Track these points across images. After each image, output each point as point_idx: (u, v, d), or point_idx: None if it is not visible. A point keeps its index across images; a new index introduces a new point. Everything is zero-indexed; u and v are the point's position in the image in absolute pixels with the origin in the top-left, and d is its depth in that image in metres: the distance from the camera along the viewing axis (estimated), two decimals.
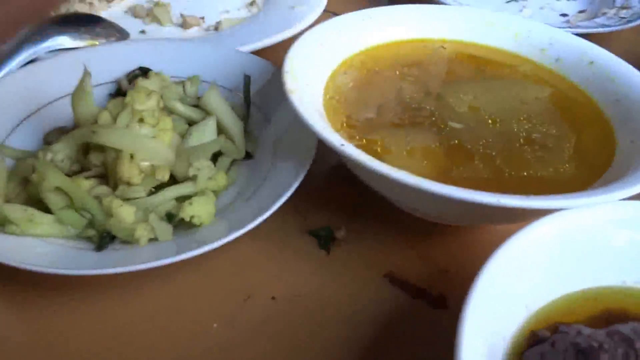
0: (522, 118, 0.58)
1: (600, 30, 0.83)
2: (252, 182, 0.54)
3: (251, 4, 0.87)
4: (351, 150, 0.45)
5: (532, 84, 0.64)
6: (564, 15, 0.96)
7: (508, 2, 0.98)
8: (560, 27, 0.83)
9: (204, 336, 0.45)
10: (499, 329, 0.39)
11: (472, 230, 0.56)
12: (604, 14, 0.91)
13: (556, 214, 0.43)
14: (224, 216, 0.50)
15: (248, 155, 0.57)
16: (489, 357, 0.37)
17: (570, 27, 0.84)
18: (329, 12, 0.85)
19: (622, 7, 0.92)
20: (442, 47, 0.68)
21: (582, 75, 0.63)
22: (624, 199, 0.44)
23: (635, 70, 0.60)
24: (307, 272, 0.51)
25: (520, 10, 0.96)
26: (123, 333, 0.45)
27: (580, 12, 0.97)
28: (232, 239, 0.45)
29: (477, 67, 0.66)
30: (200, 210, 0.48)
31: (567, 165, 0.53)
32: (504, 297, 0.40)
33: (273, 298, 0.48)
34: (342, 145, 0.45)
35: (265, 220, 0.47)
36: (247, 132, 0.58)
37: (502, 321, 0.40)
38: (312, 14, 0.80)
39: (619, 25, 0.84)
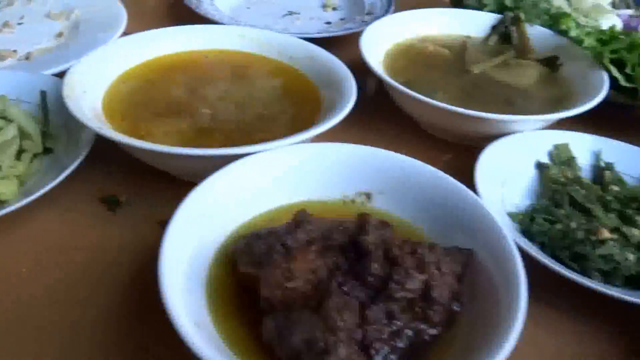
0: (257, 102, 0.80)
1: (344, 32, 1.08)
2: (52, 169, 0.71)
3: (59, 35, 1.04)
4: (106, 131, 0.64)
5: (272, 76, 0.86)
6: (328, 23, 1.21)
7: (284, 16, 1.22)
8: (320, 32, 1.08)
9: (16, 278, 0.62)
10: (209, 235, 0.59)
11: None
12: (353, 20, 1.17)
13: (252, 156, 0.64)
14: (29, 195, 0.67)
15: (49, 150, 0.74)
16: (199, 252, 0.56)
17: (319, 32, 1.07)
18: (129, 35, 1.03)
19: (367, 14, 1.18)
20: (206, 56, 0.89)
21: (306, 66, 0.86)
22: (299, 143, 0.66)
23: (337, 61, 0.84)
24: (98, 227, 0.69)
25: (293, 22, 1.19)
26: None
27: (342, 19, 1.22)
28: (27, 203, 0.62)
29: (232, 68, 0.87)
30: (4, 189, 0.65)
31: (283, 129, 0.75)
32: (212, 214, 0.60)
33: (73, 248, 0.66)
34: (100, 128, 0.64)
35: (63, 194, 0.65)
36: (47, 133, 0.75)
37: (212, 229, 0.59)
38: (111, 39, 0.98)
39: (359, 27, 1.08)
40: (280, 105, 0.80)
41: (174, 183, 0.74)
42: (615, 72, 0.83)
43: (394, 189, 0.65)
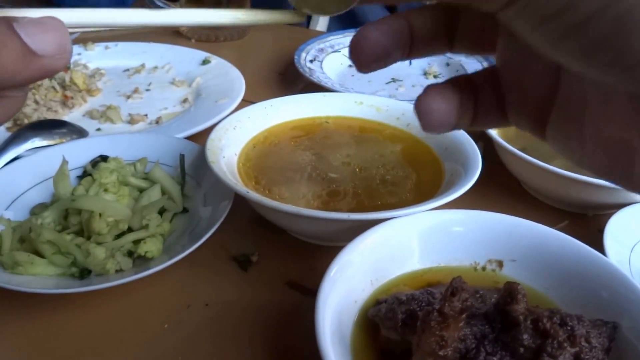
0: (380, 166, 0.82)
1: None
2: (189, 227, 0.75)
3: (184, 101, 1.11)
4: (253, 195, 0.67)
5: (390, 142, 0.88)
6: None
7: (387, 83, 1.26)
8: None
9: (159, 333, 0.65)
10: (351, 297, 0.61)
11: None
12: None
13: (388, 221, 0.65)
14: (169, 252, 0.71)
15: (185, 210, 0.79)
16: (342, 315, 0.58)
17: None
18: (246, 101, 1.09)
19: None
20: (327, 122, 0.93)
21: (424, 133, 0.88)
22: (430, 210, 0.67)
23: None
24: (231, 285, 0.71)
25: (397, 89, 1.23)
26: (101, 335, 0.64)
27: None
28: (171, 263, 0.65)
29: (351, 134, 0.91)
30: (151, 247, 0.69)
31: (408, 194, 0.77)
32: (353, 277, 0.61)
33: (207, 305, 0.68)
34: (247, 192, 0.67)
35: (197, 251, 0.68)
36: (184, 194, 0.80)
37: (353, 292, 0.61)
38: (232, 105, 1.04)
39: None
40: (402, 170, 0.82)
41: (300, 245, 0.77)
42: None
43: (526, 257, 0.65)
